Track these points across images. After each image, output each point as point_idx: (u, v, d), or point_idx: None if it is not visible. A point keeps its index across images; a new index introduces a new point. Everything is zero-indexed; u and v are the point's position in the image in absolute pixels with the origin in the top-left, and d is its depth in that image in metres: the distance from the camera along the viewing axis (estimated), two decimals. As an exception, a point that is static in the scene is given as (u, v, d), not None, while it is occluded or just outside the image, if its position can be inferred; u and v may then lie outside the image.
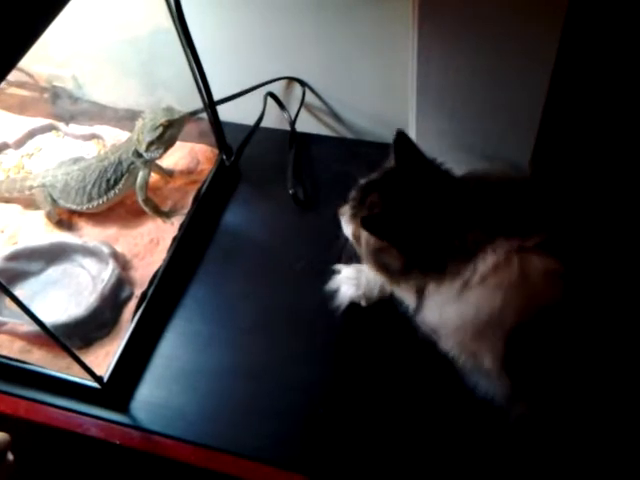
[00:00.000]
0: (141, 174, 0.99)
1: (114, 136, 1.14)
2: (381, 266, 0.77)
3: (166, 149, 0.98)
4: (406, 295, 0.80)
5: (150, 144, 0.96)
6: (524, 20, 0.73)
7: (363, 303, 0.89)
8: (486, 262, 0.67)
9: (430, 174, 0.75)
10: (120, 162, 0.98)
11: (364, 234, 0.77)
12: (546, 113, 0.82)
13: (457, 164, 0.77)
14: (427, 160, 0.77)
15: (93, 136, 1.16)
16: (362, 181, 0.80)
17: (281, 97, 1.12)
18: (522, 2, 0.72)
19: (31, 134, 1.18)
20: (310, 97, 1.11)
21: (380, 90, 1.04)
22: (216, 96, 1.00)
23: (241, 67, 1.10)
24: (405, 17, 0.86)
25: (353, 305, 0.89)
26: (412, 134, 0.95)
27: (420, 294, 0.75)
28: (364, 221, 0.72)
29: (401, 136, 0.77)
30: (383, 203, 0.75)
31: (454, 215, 0.70)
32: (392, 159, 0.78)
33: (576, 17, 0.72)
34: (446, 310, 0.72)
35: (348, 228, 0.81)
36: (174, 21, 0.87)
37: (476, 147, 0.88)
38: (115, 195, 0.99)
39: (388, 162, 0.80)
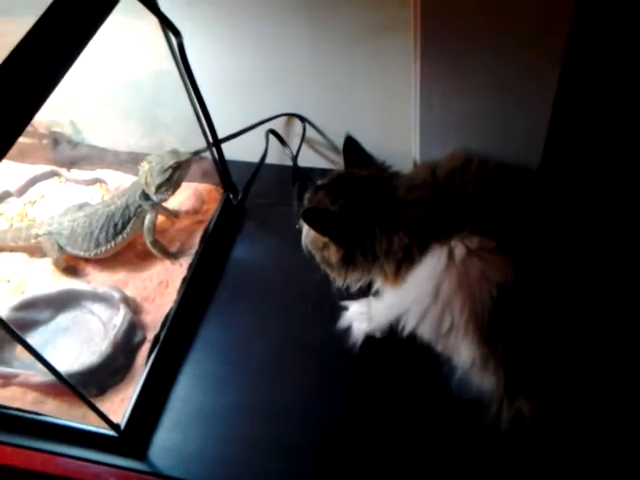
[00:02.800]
0: (148, 217, 0.99)
1: (117, 180, 1.14)
2: (324, 261, 0.82)
3: (174, 190, 0.99)
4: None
5: (159, 186, 0.97)
6: (525, 46, 0.74)
7: (378, 334, 0.89)
8: (415, 261, 0.72)
9: (371, 179, 0.79)
10: (127, 206, 0.98)
11: (305, 228, 0.83)
12: (550, 138, 0.83)
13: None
14: (373, 163, 0.83)
15: (96, 180, 1.16)
16: (317, 183, 0.84)
17: (282, 133, 1.13)
18: (524, 28, 0.73)
19: (33, 181, 1.18)
20: (310, 132, 1.12)
21: (380, 121, 1.05)
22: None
23: (240, 105, 1.10)
24: (403, 49, 0.88)
25: (368, 339, 0.89)
26: (416, 158, 0.95)
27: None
28: (304, 213, 0.77)
29: (349, 141, 0.84)
30: (326, 200, 0.79)
31: (381, 217, 0.75)
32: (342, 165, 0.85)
33: (579, 40, 0.73)
34: (392, 304, 0.78)
35: (304, 227, 0.85)
36: (177, 64, 0.88)
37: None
38: (123, 239, 0.99)
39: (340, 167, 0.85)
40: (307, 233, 0.84)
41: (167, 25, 0.80)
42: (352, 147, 0.84)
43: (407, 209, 0.74)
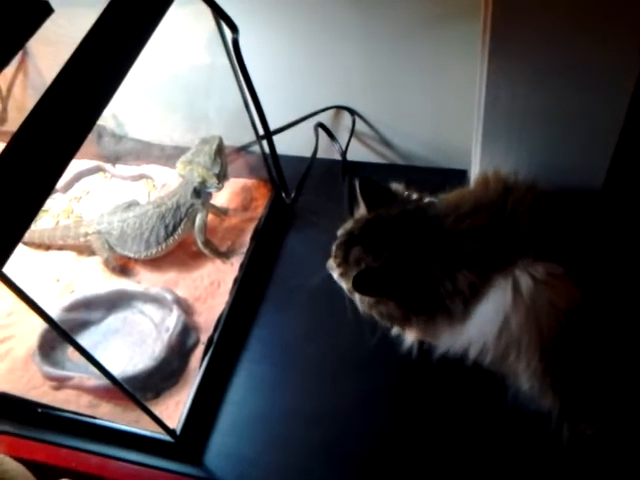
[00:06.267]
0: (199, 216, 0.97)
1: (163, 175, 1.12)
2: (384, 317, 0.75)
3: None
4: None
5: (218, 174, 0.98)
6: (602, 44, 0.70)
7: (433, 341, 0.86)
8: (479, 295, 0.66)
9: (405, 217, 0.72)
10: (178, 207, 0.97)
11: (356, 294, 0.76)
12: (623, 135, 0.79)
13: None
14: (395, 197, 0.76)
15: (142, 176, 1.14)
16: (340, 235, 0.77)
17: (330, 126, 1.10)
18: (601, 25, 0.69)
19: (78, 177, 1.17)
20: (360, 125, 1.08)
21: (435, 116, 1.01)
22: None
23: (287, 98, 1.08)
24: (465, 40, 0.84)
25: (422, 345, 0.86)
26: (476, 157, 0.92)
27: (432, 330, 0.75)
28: (355, 283, 0.69)
29: (365, 182, 0.76)
30: (367, 257, 0.72)
31: (437, 257, 0.68)
32: (363, 208, 0.77)
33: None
34: (452, 338, 0.72)
35: (342, 284, 0.80)
36: (230, 58, 0.86)
37: (544, 169, 0.85)
38: (174, 241, 0.97)
39: (358, 211, 0.78)
40: (359, 296, 0.77)
41: (224, 20, 0.77)
42: (369, 187, 0.76)
43: (464, 241, 0.68)
